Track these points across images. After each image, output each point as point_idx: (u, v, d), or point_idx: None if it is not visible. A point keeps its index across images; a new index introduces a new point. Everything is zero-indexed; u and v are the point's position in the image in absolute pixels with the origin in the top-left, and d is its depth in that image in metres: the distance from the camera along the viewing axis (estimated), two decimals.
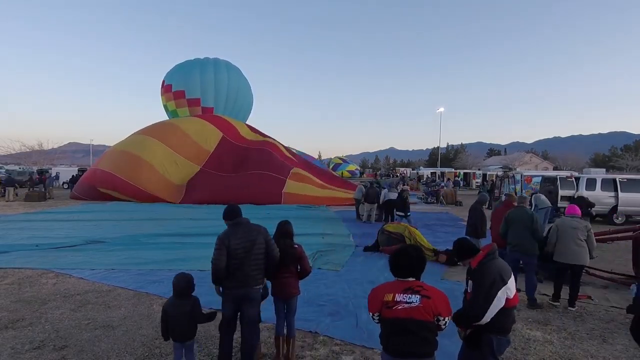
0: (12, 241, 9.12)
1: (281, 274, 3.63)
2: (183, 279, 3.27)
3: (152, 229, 10.90)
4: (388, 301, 2.32)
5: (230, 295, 3.30)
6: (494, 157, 77.54)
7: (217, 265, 3.21)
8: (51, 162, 39.71)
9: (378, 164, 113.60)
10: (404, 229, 8.56)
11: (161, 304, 5.15)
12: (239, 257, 3.23)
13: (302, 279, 3.78)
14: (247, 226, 3.40)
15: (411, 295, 2.28)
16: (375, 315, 2.42)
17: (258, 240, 3.35)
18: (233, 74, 29.64)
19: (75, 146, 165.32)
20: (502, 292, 2.62)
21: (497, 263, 2.76)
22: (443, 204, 20.16)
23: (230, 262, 3.22)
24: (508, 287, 2.65)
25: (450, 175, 38.22)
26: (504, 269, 2.72)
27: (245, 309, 3.33)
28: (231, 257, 3.22)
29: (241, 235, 3.30)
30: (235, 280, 3.26)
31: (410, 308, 2.26)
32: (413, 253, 2.44)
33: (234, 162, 20.28)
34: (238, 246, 3.24)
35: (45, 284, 6.06)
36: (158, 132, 20.98)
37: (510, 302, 2.68)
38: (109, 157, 20.30)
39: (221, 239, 3.27)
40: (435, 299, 2.29)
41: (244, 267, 3.25)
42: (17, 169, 31.81)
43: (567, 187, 14.61)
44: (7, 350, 3.88)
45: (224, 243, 3.22)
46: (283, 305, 3.70)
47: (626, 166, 44.92)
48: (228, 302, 3.32)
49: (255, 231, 3.39)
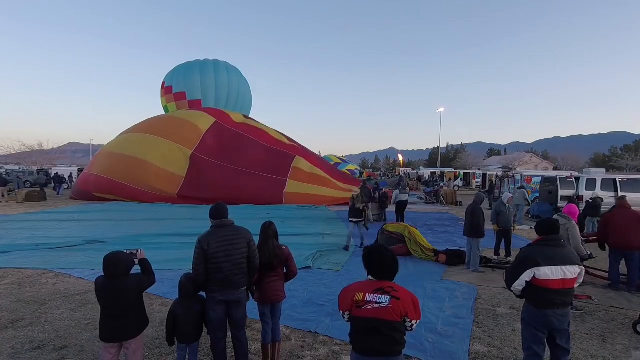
0: (12, 241, 9.13)
1: (268, 278, 3.54)
2: (190, 279, 3.28)
3: (152, 229, 10.90)
4: (358, 300, 2.32)
5: (215, 300, 3.21)
6: (494, 157, 77.47)
7: (196, 269, 3.14)
8: (51, 162, 39.69)
9: (378, 164, 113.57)
10: (404, 229, 8.56)
11: (161, 304, 5.16)
12: (218, 261, 3.14)
13: (288, 281, 3.72)
14: (230, 229, 3.29)
15: (381, 295, 2.29)
16: (345, 314, 2.44)
17: (240, 243, 3.25)
18: (233, 74, 29.79)
19: (75, 146, 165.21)
20: (529, 272, 2.98)
21: (542, 249, 3.05)
22: (443, 204, 20.17)
23: (209, 266, 3.13)
24: (539, 269, 2.95)
25: (450, 175, 38.24)
26: (549, 255, 2.98)
27: (233, 312, 3.28)
28: (210, 261, 3.13)
29: (221, 238, 3.19)
30: (217, 284, 3.17)
31: (379, 308, 2.27)
32: (385, 252, 2.42)
33: (227, 147, 19.11)
34: (218, 249, 3.14)
35: (45, 284, 6.06)
36: (145, 126, 20.64)
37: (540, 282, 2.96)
38: (101, 161, 19.79)
39: (200, 242, 3.16)
40: (404, 301, 2.29)
41: (223, 271, 3.16)
42: (18, 169, 31.84)
43: (567, 187, 14.61)
44: (7, 350, 3.88)
45: (203, 247, 3.13)
46: (269, 310, 3.58)
47: (626, 166, 44.89)
48: (214, 305, 3.22)
49: (237, 234, 3.28)
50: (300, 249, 8.28)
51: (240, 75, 30.81)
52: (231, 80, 29.17)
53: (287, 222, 12.43)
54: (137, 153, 18.45)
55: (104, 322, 2.90)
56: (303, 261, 7.28)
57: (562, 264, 2.96)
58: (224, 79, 28.69)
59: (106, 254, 2.97)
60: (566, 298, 3.03)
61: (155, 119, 22.12)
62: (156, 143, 18.76)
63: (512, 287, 3.10)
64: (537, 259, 2.97)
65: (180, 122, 20.17)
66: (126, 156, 18.53)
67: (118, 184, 17.94)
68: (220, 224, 3.28)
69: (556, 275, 2.94)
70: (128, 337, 2.91)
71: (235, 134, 20.16)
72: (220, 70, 28.90)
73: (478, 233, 7.13)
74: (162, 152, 18.38)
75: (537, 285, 2.98)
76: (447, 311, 5.05)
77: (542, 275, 2.94)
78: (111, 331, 2.88)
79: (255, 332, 4.21)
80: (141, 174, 17.85)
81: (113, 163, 18.76)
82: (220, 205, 3.36)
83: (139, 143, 19.02)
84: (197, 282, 3.20)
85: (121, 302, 2.88)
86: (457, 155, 71.91)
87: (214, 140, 19.34)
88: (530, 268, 2.97)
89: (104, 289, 2.89)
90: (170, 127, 19.85)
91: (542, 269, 2.94)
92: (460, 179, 37.39)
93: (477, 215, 7.22)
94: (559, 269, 2.95)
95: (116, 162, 18.65)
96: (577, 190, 13.99)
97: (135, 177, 17.83)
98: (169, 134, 19.14)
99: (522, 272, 3.00)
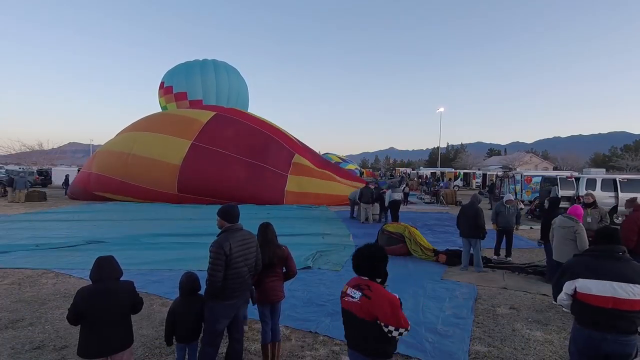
0: (12, 241, 9.12)
1: (268, 278, 3.53)
2: (190, 278, 3.31)
3: (152, 229, 10.90)
4: (343, 291, 2.49)
5: (230, 308, 3.09)
6: (494, 157, 77.46)
7: (215, 275, 2.94)
8: (51, 162, 39.69)
9: (378, 164, 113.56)
10: (403, 229, 8.55)
11: (161, 304, 5.16)
12: (238, 266, 3.06)
13: (287, 280, 3.72)
14: (244, 232, 3.26)
15: (356, 290, 2.38)
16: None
17: (253, 247, 3.27)
18: (233, 75, 30.07)
19: (75, 146, 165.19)
20: (569, 284, 2.69)
21: (586, 259, 2.72)
22: (443, 204, 20.17)
23: (229, 271, 3.01)
24: (578, 282, 2.63)
25: (450, 175, 38.24)
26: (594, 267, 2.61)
27: (241, 311, 3.28)
28: (231, 266, 3.02)
29: (240, 242, 3.12)
30: (236, 290, 3.09)
31: (352, 302, 2.37)
32: (365, 253, 2.45)
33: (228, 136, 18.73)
34: (237, 254, 3.06)
35: (45, 284, 6.06)
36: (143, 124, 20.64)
37: (583, 297, 2.60)
38: (99, 160, 19.71)
39: (222, 246, 2.97)
40: (375, 302, 2.27)
41: (242, 275, 3.10)
42: (18, 169, 31.85)
43: (567, 187, 14.61)
44: (7, 350, 3.88)
45: (225, 251, 2.97)
46: (269, 311, 3.58)
47: (626, 166, 44.87)
48: (224, 316, 3.09)
49: (250, 237, 3.28)
50: (300, 249, 8.28)
51: (239, 76, 31.09)
52: (231, 80, 29.41)
53: (287, 222, 12.43)
54: (136, 150, 18.41)
55: (88, 335, 2.64)
56: (303, 261, 7.28)
57: (613, 279, 2.50)
58: (224, 79, 28.90)
59: (97, 258, 2.83)
60: (621, 322, 2.48)
61: (154, 116, 22.18)
62: (155, 139, 18.63)
63: (556, 299, 2.84)
64: (577, 269, 2.67)
65: (180, 118, 20.09)
66: (125, 154, 18.52)
67: (116, 182, 17.95)
68: (234, 228, 3.18)
69: (603, 292, 2.51)
70: (113, 351, 2.67)
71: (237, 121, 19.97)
72: (220, 71, 29.11)
73: (480, 234, 7.07)
74: (162, 146, 18.18)
75: (580, 300, 2.62)
76: (447, 311, 5.04)
77: (584, 288, 2.59)
78: (96, 344, 2.63)
79: (255, 332, 4.21)
80: (140, 169, 17.78)
81: (112, 161, 18.74)
82: (235, 208, 3.29)
83: (138, 141, 18.98)
84: (213, 290, 3.00)
85: (113, 308, 2.67)
86: (457, 155, 71.88)
87: (215, 130, 18.95)
88: (570, 279, 2.68)
89: (93, 294, 2.65)
90: (169, 123, 19.75)
91: (584, 281, 2.60)
92: (460, 179, 37.40)
93: (481, 216, 7.13)
94: (608, 285, 2.50)
95: (115, 159, 18.63)
96: (577, 190, 13.99)
97: (135, 174, 17.79)
98: (169, 130, 18.94)
99: (563, 284, 2.73)
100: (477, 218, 7.07)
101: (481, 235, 7.06)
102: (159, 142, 18.39)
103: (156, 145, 18.28)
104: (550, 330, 4.51)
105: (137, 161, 18.01)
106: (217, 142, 18.23)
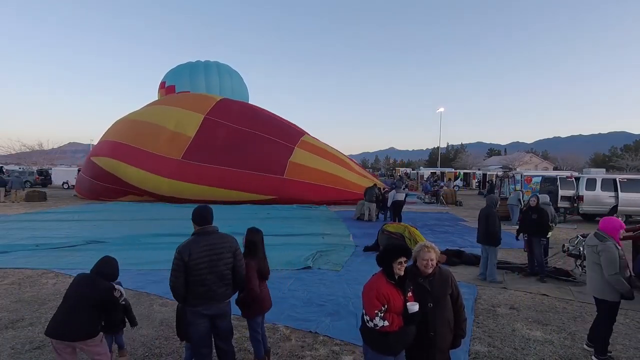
0: (12, 241, 9.13)
1: (263, 286, 3.44)
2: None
3: (152, 229, 10.93)
4: None
5: (197, 313, 2.91)
6: (494, 157, 77.43)
7: (174, 283, 2.83)
8: (51, 162, 39.70)
9: (378, 164, 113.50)
10: (403, 229, 8.55)
11: (161, 304, 5.16)
12: (200, 273, 2.83)
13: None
14: (215, 236, 2.98)
15: None
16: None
17: (225, 253, 2.95)
18: (236, 78, 30.88)
19: (75, 146, 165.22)
20: None
21: None
22: (443, 204, 20.18)
23: (190, 278, 2.82)
24: None
25: (450, 175, 38.24)
26: None
27: (219, 324, 3.01)
28: (191, 273, 2.81)
29: (205, 247, 2.88)
30: (200, 298, 2.88)
31: None
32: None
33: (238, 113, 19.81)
34: (200, 260, 2.83)
35: (45, 284, 6.06)
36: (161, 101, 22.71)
37: None
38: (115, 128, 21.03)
39: (180, 252, 2.83)
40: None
41: (206, 283, 2.86)
42: (18, 169, 31.86)
43: (567, 187, 14.60)
44: (7, 350, 3.88)
45: (183, 258, 2.80)
46: (261, 319, 3.48)
47: (626, 166, 44.88)
48: (196, 319, 2.91)
49: (222, 242, 2.97)
50: (300, 249, 8.29)
51: (241, 80, 31.78)
52: (234, 83, 30.18)
53: (287, 222, 12.44)
54: (152, 119, 19.53)
55: (55, 315, 2.90)
56: (303, 261, 7.28)
57: None
58: (227, 81, 29.68)
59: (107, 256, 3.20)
60: None
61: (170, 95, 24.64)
62: (171, 111, 19.77)
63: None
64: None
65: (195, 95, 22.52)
66: (141, 122, 19.74)
67: (125, 147, 18.55)
68: (203, 231, 2.96)
69: None
70: (74, 338, 2.81)
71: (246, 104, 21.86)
72: (223, 73, 29.83)
73: (495, 240, 6.40)
74: (177, 118, 19.19)
75: None
76: None
77: None
78: (59, 325, 2.82)
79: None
80: (152, 137, 18.45)
81: (127, 128, 19.92)
82: (205, 209, 3.04)
83: (155, 112, 20.25)
84: (175, 296, 2.91)
85: (83, 296, 2.88)
86: (457, 155, 71.88)
87: (227, 108, 20.15)
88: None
89: (77, 281, 2.99)
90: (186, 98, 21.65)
91: None
92: (460, 179, 37.39)
93: (493, 220, 6.42)
94: None
95: (130, 127, 19.82)
96: (577, 190, 13.99)
97: (145, 140, 18.43)
98: (185, 104, 20.24)
99: None
100: (488, 223, 6.43)
101: (494, 242, 6.40)
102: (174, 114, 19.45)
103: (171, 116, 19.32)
104: (550, 330, 4.51)
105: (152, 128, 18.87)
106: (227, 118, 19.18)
